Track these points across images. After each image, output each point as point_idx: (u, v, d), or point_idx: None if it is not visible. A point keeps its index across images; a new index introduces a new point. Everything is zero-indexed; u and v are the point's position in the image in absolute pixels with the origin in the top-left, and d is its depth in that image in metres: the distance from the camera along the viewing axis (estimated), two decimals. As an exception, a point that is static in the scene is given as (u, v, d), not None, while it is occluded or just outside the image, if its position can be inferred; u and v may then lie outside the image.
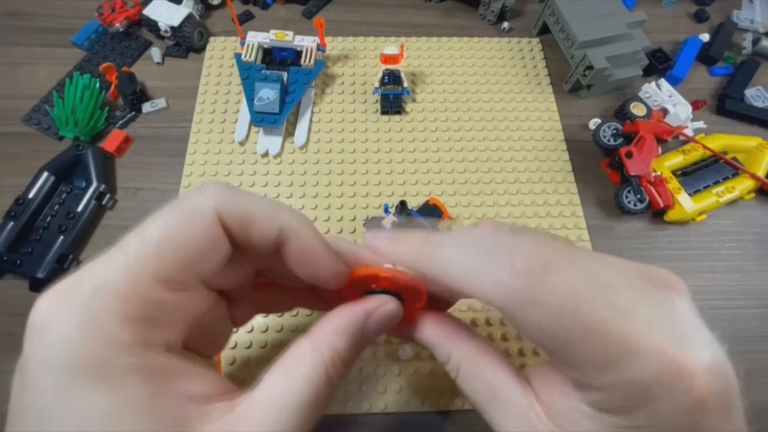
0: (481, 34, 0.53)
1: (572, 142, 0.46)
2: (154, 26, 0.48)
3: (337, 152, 0.44)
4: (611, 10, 0.48)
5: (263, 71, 0.45)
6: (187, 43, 0.48)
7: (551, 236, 0.17)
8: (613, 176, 0.44)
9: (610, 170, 0.45)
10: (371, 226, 0.19)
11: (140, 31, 0.51)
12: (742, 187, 0.42)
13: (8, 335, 0.35)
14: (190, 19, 0.48)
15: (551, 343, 0.15)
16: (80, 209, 0.39)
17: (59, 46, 0.49)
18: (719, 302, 0.39)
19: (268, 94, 0.43)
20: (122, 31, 0.49)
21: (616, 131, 0.44)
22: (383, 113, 0.47)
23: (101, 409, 0.13)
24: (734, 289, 0.40)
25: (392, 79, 0.46)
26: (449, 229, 0.20)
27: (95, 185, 0.40)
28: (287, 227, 0.18)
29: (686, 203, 0.41)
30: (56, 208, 0.39)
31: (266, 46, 0.46)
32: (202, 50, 0.50)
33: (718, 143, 0.44)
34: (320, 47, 0.46)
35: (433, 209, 0.39)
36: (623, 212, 0.41)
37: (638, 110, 0.46)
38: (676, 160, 0.44)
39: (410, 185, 0.43)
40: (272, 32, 0.45)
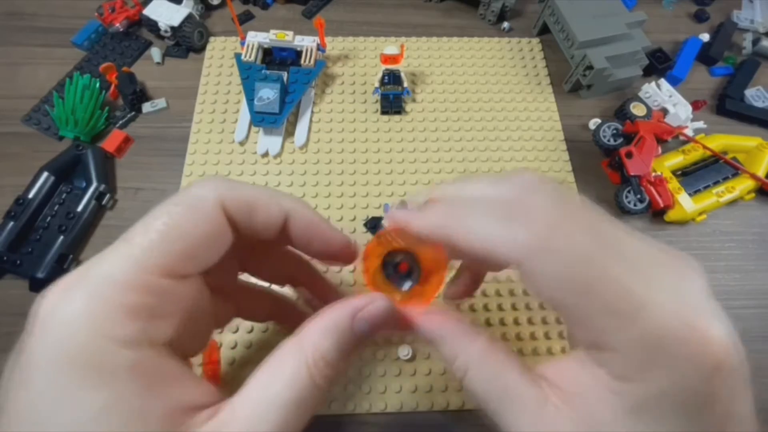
0: (481, 34, 0.53)
1: (572, 142, 0.46)
2: (154, 26, 0.48)
3: (337, 152, 0.44)
4: (611, 10, 0.48)
5: (263, 71, 0.45)
6: (187, 43, 0.48)
7: (573, 194, 0.17)
8: (613, 176, 0.44)
9: (610, 170, 0.45)
10: (398, 209, 0.20)
11: (140, 31, 0.51)
12: (742, 187, 0.42)
13: (8, 335, 0.35)
14: (190, 19, 0.48)
15: (567, 295, 0.15)
16: (80, 209, 0.39)
17: (59, 46, 0.49)
18: (719, 302, 0.39)
19: (268, 94, 0.43)
20: (122, 31, 0.49)
21: (616, 131, 0.44)
22: (383, 113, 0.47)
23: (94, 407, 0.13)
24: (734, 289, 0.40)
25: (392, 79, 0.46)
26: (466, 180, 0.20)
27: (95, 185, 0.40)
28: (289, 208, 0.19)
29: (686, 203, 0.41)
30: (56, 208, 0.39)
31: (266, 46, 0.46)
32: (202, 50, 0.50)
33: (718, 143, 0.44)
34: (320, 47, 0.46)
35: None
36: (623, 212, 0.41)
37: (638, 110, 0.46)
38: (676, 160, 0.44)
39: (410, 185, 0.43)
40: (272, 32, 0.45)
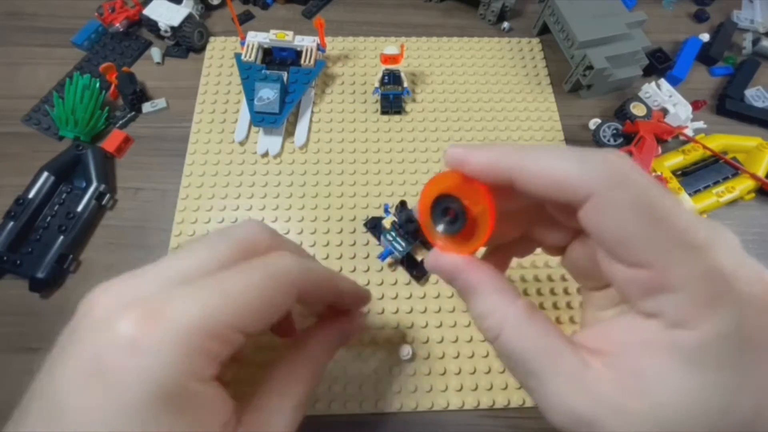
0: (481, 34, 0.53)
1: (572, 142, 0.46)
2: (154, 26, 0.48)
3: (337, 152, 0.44)
4: (611, 10, 0.48)
5: (263, 71, 0.45)
6: (187, 43, 0.48)
7: None
8: (613, 176, 0.44)
9: (610, 170, 0.45)
10: (456, 145, 0.19)
11: (140, 31, 0.51)
12: (742, 187, 0.42)
13: (8, 335, 0.35)
14: (190, 19, 0.48)
15: (639, 226, 0.14)
16: (80, 209, 0.39)
17: (59, 46, 0.49)
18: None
19: (268, 94, 0.43)
20: (122, 31, 0.49)
21: (616, 131, 0.44)
22: (383, 113, 0.47)
23: (177, 429, 0.15)
24: (734, 289, 0.40)
25: (392, 79, 0.46)
26: None
27: (95, 185, 0.40)
28: (342, 288, 0.23)
29: (686, 203, 0.41)
30: (56, 208, 0.39)
31: (266, 46, 0.46)
32: (202, 50, 0.50)
33: (718, 143, 0.44)
34: (320, 47, 0.46)
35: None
36: (623, 212, 0.41)
37: (638, 110, 0.46)
38: (676, 160, 0.44)
39: (410, 185, 0.43)
40: (272, 32, 0.45)
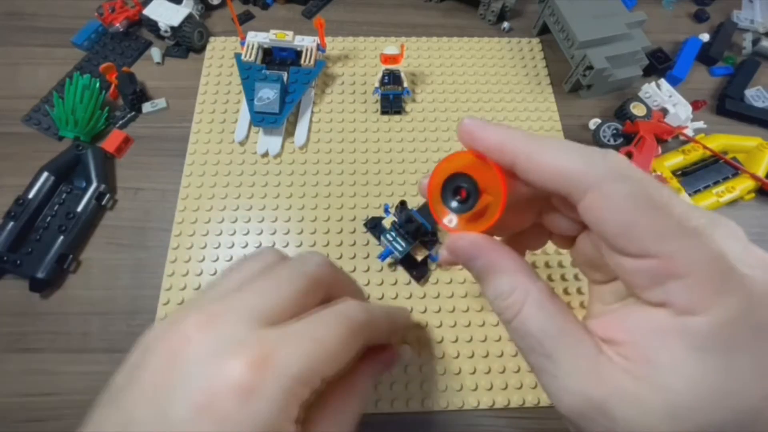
0: (481, 34, 0.53)
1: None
2: (154, 26, 0.48)
3: (337, 152, 0.44)
4: (611, 10, 0.48)
5: (263, 71, 0.45)
6: (187, 43, 0.48)
7: None
8: (613, 176, 0.44)
9: (610, 170, 0.45)
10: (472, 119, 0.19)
11: (140, 31, 0.51)
12: (742, 187, 0.42)
13: (8, 335, 0.35)
14: (190, 19, 0.48)
15: (641, 214, 0.15)
16: (80, 209, 0.39)
17: (59, 46, 0.49)
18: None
19: (268, 94, 0.43)
20: (122, 31, 0.49)
21: (616, 131, 0.44)
22: (383, 113, 0.47)
23: None
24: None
25: (392, 79, 0.46)
26: None
27: (95, 185, 0.40)
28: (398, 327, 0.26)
29: (686, 203, 0.41)
30: (56, 208, 0.39)
31: (266, 46, 0.46)
32: (202, 50, 0.50)
33: (718, 143, 0.44)
34: (320, 47, 0.46)
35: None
36: (623, 212, 0.41)
37: (638, 110, 0.46)
38: (676, 160, 0.44)
39: (410, 185, 0.43)
40: (272, 32, 0.45)
